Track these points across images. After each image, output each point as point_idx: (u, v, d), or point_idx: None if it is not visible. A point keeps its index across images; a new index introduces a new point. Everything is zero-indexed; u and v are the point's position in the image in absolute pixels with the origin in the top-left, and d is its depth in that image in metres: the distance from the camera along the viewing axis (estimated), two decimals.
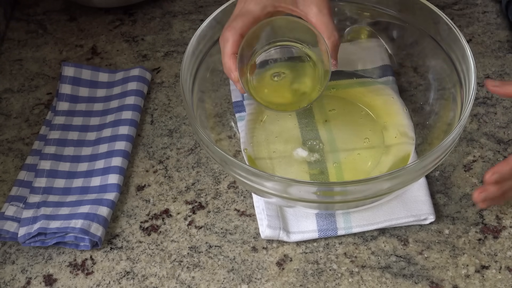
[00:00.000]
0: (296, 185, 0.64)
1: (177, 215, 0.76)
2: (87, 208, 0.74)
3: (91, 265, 0.72)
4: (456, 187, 0.76)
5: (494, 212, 0.74)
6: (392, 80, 0.83)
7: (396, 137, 0.78)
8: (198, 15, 0.98)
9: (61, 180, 0.78)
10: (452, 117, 0.73)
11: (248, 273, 0.70)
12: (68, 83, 0.86)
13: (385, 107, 0.81)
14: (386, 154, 0.76)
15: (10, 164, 0.81)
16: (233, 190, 0.77)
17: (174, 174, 0.79)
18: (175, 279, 0.70)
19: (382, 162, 0.76)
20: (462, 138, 0.80)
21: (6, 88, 0.90)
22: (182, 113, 0.85)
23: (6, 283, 0.71)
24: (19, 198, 0.76)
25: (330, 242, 0.72)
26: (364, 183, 0.64)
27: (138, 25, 0.97)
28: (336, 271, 0.70)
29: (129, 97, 0.85)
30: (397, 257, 0.71)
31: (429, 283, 0.69)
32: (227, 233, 0.74)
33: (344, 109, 0.81)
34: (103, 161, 0.79)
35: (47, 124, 0.84)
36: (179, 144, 0.82)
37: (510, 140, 0.80)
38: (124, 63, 0.92)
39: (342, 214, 0.72)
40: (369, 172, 0.75)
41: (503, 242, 0.72)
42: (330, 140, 0.78)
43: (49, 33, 0.97)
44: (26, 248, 0.73)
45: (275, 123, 0.80)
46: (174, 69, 0.91)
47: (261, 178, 0.64)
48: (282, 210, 0.73)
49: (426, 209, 0.73)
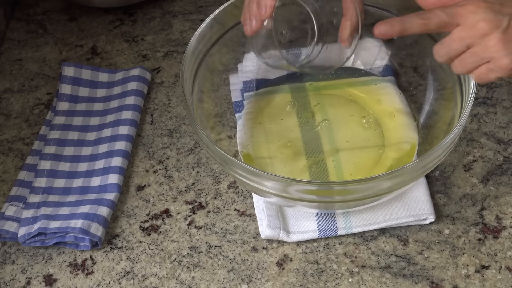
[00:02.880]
0: (296, 185, 0.64)
1: (177, 215, 0.76)
2: (87, 208, 0.74)
3: (91, 265, 0.72)
4: (456, 187, 0.76)
5: (494, 212, 0.74)
6: (393, 79, 0.83)
7: (396, 137, 0.78)
8: (198, 15, 0.98)
9: (61, 180, 0.78)
10: (452, 117, 0.73)
11: (248, 273, 0.70)
12: (68, 83, 0.86)
13: (386, 106, 0.81)
14: (387, 154, 0.76)
15: (10, 164, 0.81)
16: (233, 190, 0.77)
17: (174, 174, 0.79)
18: (175, 279, 0.70)
19: (382, 162, 0.76)
20: (462, 138, 0.80)
21: (6, 88, 0.90)
22: (182, 113, 0.85)
23: (6, 283, 0.71)
24: (19, 198, 0.76)
25: (330, 242, 0.72)
26: (364, 182, 0.64)
27: (138, 25, 0.97)
28: (336, 271, 0.70)
29: (129, 97, 0.85)
30: (397, 257, 0.71)
31: (429, 283, 0.69)
32: (227, 233, 0.74)
33: (344, 109, 0.81)
34: (103, 161, 0.79)
35: (47, 124, 0.84)
36: (179, 144, 0.82)
37: (510, 140, 0.80)
38: (124, 63, 0.92)
39: (342, 214, 0.72)
40: (369, 172, 0.75)
41: (503, 242, 0.72)
42: (330, 140, 0.78)
43: (49, 33, 0.97)
44: (26, 248, 0.73)
45: (274, 122, 0.80)
46: (174, 69, 0.91)
47: (261, 177, 0.64)
48: (282, 210, 0.73)
49: (426, 209, 0.73)
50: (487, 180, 0.77)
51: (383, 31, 0.62)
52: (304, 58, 0.74)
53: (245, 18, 0.70)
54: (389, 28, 0.62)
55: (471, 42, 0.61)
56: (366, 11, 0.81)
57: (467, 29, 0.61)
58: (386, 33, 0.62)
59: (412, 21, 0.62)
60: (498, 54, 0.60)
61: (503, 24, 0.60)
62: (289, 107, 0.82)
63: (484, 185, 0.76)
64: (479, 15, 0.60)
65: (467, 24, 0.61)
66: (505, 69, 0.61)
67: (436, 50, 0.63)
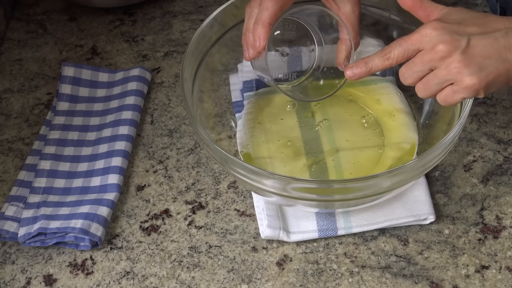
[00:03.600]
0: (296, 183, 0.64)
1: (177, 215, 0.76)
2: (87, 208, 0.74)
3: (91, 265, 0.72)
4: (456, 187, 0.76)
5: (494, 212, 0.74)
6: (393, 79, 0.83)
7: (396, 137, 0.78)
8: (198, 15, 0.98)
9: (61, 180, 0.78)
10: (452, 117, 0.73)
11: (248, 273, 0.70)
12: (68, 83, 0.86)
13: (386, 106, 0.81)
14: (387, 154, 0.76)
15: (10, 164, 0.81)
16: (233, 190, 0.77)
17: (174, 174, 0.79)
18: (175, 279, 0.70)
19: (382, 162, 0.76)
20: (462, 138, 0.80)
21: (6, 88, 0.90)
22: (182, 113, 0.85)
23: (6, 283, 0.71)
24: (19, 198, 0.76)
25: (330, 242, 0.72)
26: (363, 180, 0.64)
27: (138, 25, 0.97)
28: (336, 271, 0.70)
29: (129, 97, 0.85)
30: (397, 257, 0.71)
31: (429, 283, 0.69)
32: (227, 233, 0.74)
33: (344, 108, 0.81)
34: (103, 161, 0.79)
35: (47, 124, 0.84)
36: (179, 144, 0.82)
37: (510, 140, 0.80)
38: (124, 63, 0.92)
39: (342, 214, 0.72)
40: (369, 171, 0.75)
41: (503, 242, 0.72)
42: (330, 139, 0.78)
43: (49, 33, 0.97)
44: (26, 248, 0.73)
45: (274, 121, 0.80)
46: (174, 69, 0.91)
47: (261, 176, 0.64)
48: (282, 210, 0.73)
49: (426, 209, 0.73)
50: (487, 180, 0.77)
51: (351, 74, 0.66)
52: (297, 82, 0.79)
53: (243, 44, 0.72)
54: (357, 70, 0.66)
55: (433, 65, 0.61)
56: (366, 11, 0.81)
57: (427, 52, 0.61)
58: (354, 75, 0.66)
59: (375, 61, 0.65)
60: (460, 76, 0.60)
61: (462, 45, 0.59)
62: (289, 107, 0.82)
63: (484, 185, 0.76)
64: (436, 37, 0.60)
65: (426, 48, 0.61)
66: (469, 89, 0.60)
67: (401, 73, 0.64)
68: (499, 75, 0.60)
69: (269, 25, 0.68)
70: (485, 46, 0.60)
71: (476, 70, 0.60)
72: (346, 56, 0.73)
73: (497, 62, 0.60)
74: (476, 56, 0.60)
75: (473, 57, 0.60)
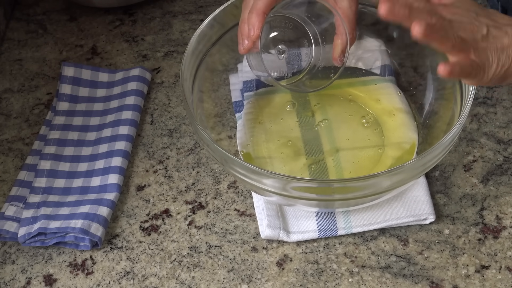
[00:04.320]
0: (296, 182, 0.64)
1: (177, 215, 0.76)
2: (87, 208, 0.74)
3: (91, 265, 0.72)
4: (456, 187, 0.76)
5: (494, 212, 0.74)
6: (393, 79, 0.83)
7: (396, 136, 0.78)
8: (198, 15, 0.98)
9: (61, 180, 0.78)
10: (452, 116, 0.73)
11: (248, 273, 0.70)
12: (68, 83, 0.86)
13: (386, 106, 0.81)
14: (386, 153, 0.76)
15: (10, 164, 0.81)
16: (233, 190, 0.77)
17: (174, 174, 0.79)
18: (175, 279, 0.70)
19: (382, 161, 0.76)
20: (462, 138, 0.80)
21: (6, 88, 0.90)
22: (182, 113, 0.86)
23: (6, 283, 0.71)
24: (19, 198, 0.76)
25: (330, 242, 0.72)
26: (363, 180, 0.64)
27: (138, 25, 0.97)
28: (336, 271, 0.70)
29: (129, 97, 0.85)
30: (397, 257, 0.71)
31: (429, 283, 0.69)
32: (227, 233, 0.74)
33: (344, 108, 0.81)
34: (103, 161, 0.79)
35: (47, 124, 0.84)
36: (179, 144, 0.82)
37: (510, 140, 0.80)
38: (124, 63, 0.92)
39: (342, 214, 0.72)
40: (369, 171, 0.75)
41: (503, 242, 0.72)
42: (330, 139, 0.78)
43: (49, 33, 0.97)
44: (26, 248, 0.73)
45: (274, 121, 0.80)
46: (174, 69, 0.91)
47: (261, 175, 0.64)
48: (282, 210, 0.73)
49: (426, 209, 0.73)
50: (487, 180, 0.77)
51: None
52: (293, 76, 0.79)
53: (238, 37, 0.72)
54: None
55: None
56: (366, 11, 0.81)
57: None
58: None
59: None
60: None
61: (484, 31, 0.59)
62: (289, 107, 0.82)
63: (484, 185, 0.76)
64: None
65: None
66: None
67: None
68: (507, 68, 0.60)
69: (263, 14, 0.68)
70: (499, 38, 0.59)
71: (495, 58, 0.59)
72: (342, 51, 0.74)
73: (505, 56, 0.59)
74: (491, 47, 0.59)
75: (491, 45, 0.59)
